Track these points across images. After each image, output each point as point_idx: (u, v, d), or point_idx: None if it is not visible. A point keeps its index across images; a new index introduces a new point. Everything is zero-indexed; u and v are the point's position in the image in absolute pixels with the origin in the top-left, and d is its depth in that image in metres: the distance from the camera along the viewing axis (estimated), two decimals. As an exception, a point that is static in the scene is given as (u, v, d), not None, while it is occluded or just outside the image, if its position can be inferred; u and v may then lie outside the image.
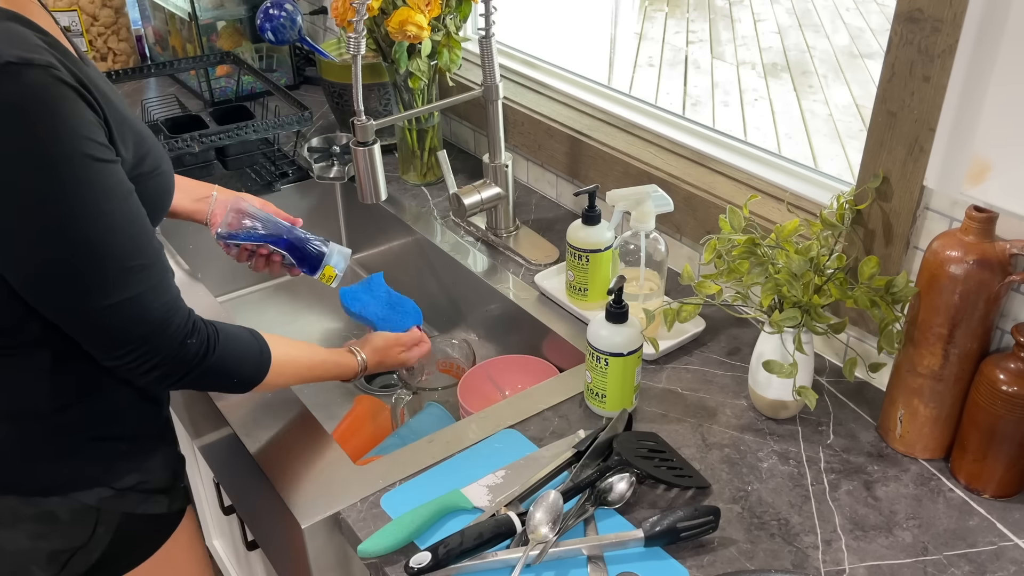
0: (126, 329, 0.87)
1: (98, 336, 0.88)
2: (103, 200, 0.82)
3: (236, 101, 2.04)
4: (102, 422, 0.99)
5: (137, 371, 0.91)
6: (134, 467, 1.03)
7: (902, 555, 0.93)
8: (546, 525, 0.91)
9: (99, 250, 0.83)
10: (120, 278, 0.85)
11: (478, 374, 1.29)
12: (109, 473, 1.01)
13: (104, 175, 0.83)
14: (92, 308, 0.85)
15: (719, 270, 1.08)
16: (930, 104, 0.97)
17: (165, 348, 0.90)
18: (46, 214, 0.80)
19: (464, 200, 1.44)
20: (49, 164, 0.79)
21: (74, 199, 0.80)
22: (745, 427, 1.10)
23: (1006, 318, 1.00)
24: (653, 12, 7.23)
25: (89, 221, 0.82)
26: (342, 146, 1.76)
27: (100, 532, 1.01)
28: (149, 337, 0.89)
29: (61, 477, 0.98)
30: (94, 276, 0.84)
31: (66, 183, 0.80)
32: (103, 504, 1.00)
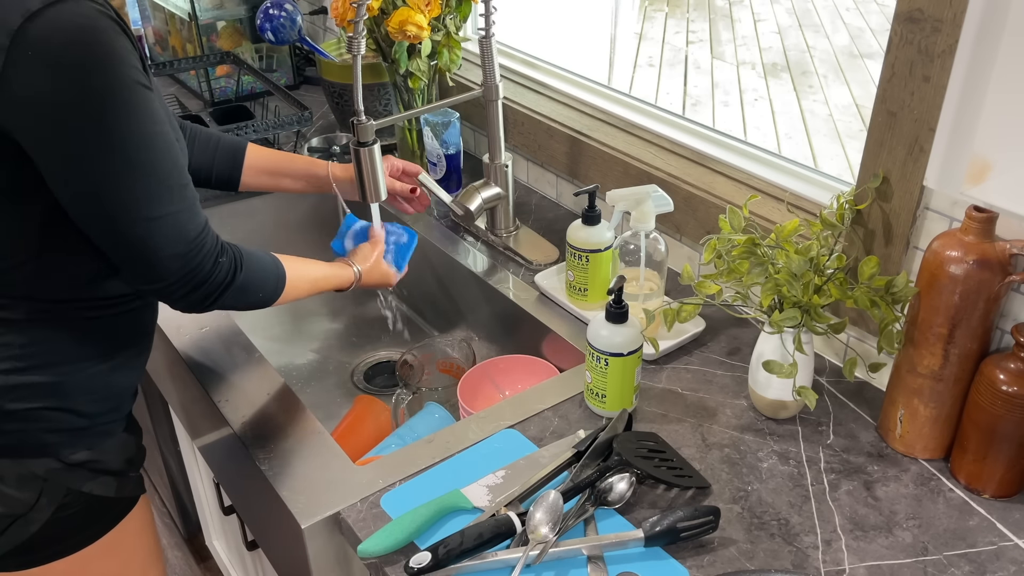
0: (167, 246, 0.93)
1: (141, 254, 0.93)
2: (149, 122, 0.90)
3: (236, 101, 2.04)
4: (71, 392, 1.00)
5: (178, 292, 0.97)
6: (88, 444, 1.04)
7: (902, 555, 0.93)
8: (546, 525, 0.91)
9: (146, 167, 0.90)
10: (162, 194, 0.92)
11: (478, 374, 1.29)
12: (62, 445, 1.02)
13: (149, 99, 0.90)
14: (136, 220, 0.91)
15: (719, 270, 1.08)
16: (930, 104, 0.97)
17: (202, 266, 0.97)
18: (101, 132, 0.86)
19: (469, 206, 1.44)
20: (108, 86, 0.86)
21: (126, 119, 0.87)
22: (745, 427, 1.10)
23: (1006, 318, 1.00)
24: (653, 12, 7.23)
25: (138, 140, 0.89)
26: (342, 146, 1.76)
27: (42, 503, 1.01)
28: (187, 255, 0.95)
29: (14, 440, 0.99)
30: (141, 191, 0.90)
31: (120, 105, 0.87)
32: (50, 475, 1.01)
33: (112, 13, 0.87)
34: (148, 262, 0.94)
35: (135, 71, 0.88)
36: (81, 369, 1.01)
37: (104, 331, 1.03)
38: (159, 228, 0.92)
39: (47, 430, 1.00)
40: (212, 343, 1.28)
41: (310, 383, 1.56)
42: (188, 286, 0.97)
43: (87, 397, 1.02)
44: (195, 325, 1.32)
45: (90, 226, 0.93)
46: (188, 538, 2.01)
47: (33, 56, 0.82)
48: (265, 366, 1.24)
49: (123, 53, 0.86)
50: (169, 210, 0.93)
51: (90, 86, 0.85)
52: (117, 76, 0.86)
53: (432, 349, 1.44)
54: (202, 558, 1.99)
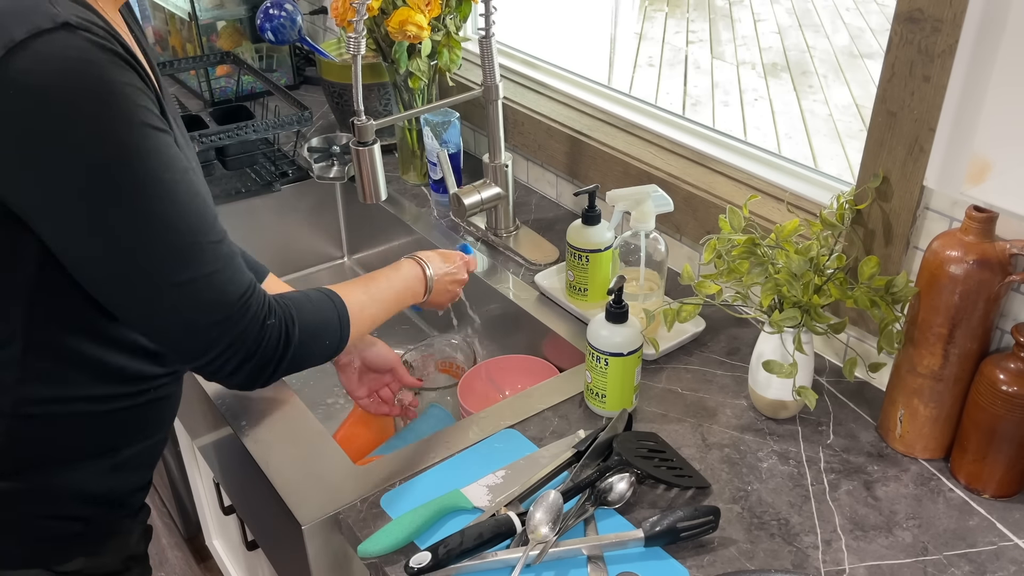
0: (203, 315, 0.80)
1: (175, 327, 0.80)
2: (161, 170, 0.76)
3: (236, 101, 2.04)
4: (63, 497, 0.89)
5: (227, 367, 0.83)
6: (84, 551, 0.92)
7: (902, 555, 0.93)
8: (546, 525, 0.91)
9: (162, 221, 0.76)
10: (187, 254, 0.78)
11: (478, 374, 1.29)
12: (53, 554, 0.90)
13: (160, 144, 0.76)
14: (162, 287, 0.77)
15: (719, 270, 1.08)
16: (930, 104, 0.97)
17: (246, 334, 0.82)
18: (97, 182, 0.74)
19: (464, 200, 1.44)
20: (98, 126, 0.73)
21: (128, 165, 0.74)
22: (745, 427, 1.10)
23: (1006, 318, 1.00)
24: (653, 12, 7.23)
25: (147, 190, 0.75)
26: (342, 146, 1.76)
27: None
28: (229, 324, 0.81)
29: (2, 553, 0.88)
30: (160, 251, 0.77)
31: (115, 148, 0.74)
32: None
33: (115, 46, 0.75)
34: (184, 335, 0.80)
35: (142, 111, 0.75)
36: (75, 469, 0.88)
37: (109, 427, 0.89)
38: (191, 294, 0.78)
39: (35, 540, 0.88)
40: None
41: (310, 383, 1.56)
42: (237, 359, 0.82)
43: (81, 501, 0.90)
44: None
45: (109, 299, 0.80)
46: (188, 538, 2.01)
47: (15, 94, 0.71)
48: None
49: (125, 90, 0.74)
50: (201, 272, 0.78)
51: (82, 127, 0.72)
52: (116, 116, 0.73)
53: (432, 349, 1.43)
54: (202, 558, 1.99)
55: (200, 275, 0.79)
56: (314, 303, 0.93)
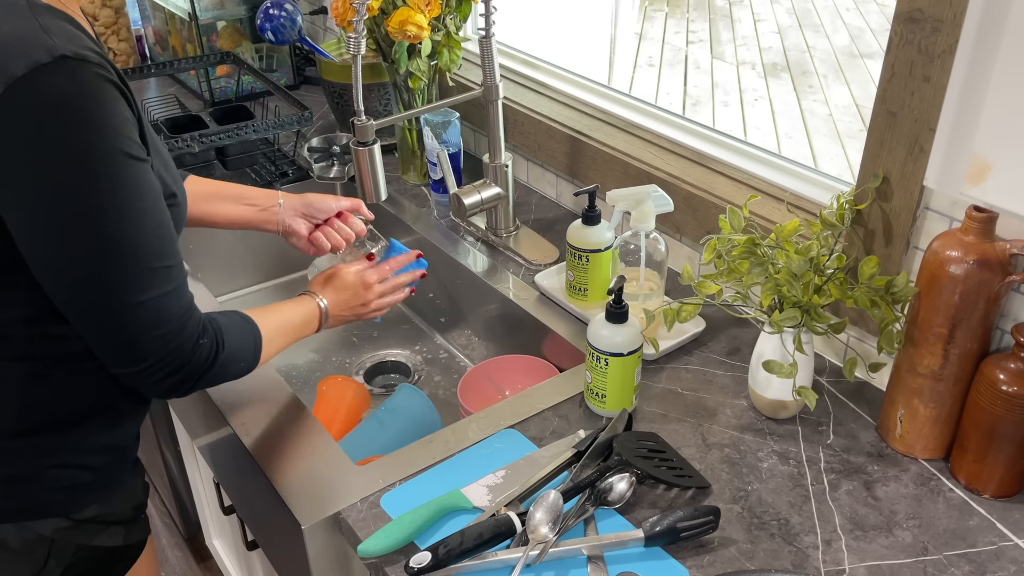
0: (145, 331, 0.86)
1: (116, 338, 0.87)
2: (136, 199, 0.83)
3: (236, 101, 2.04)
4: (74, 449, 0.95)
5: (152, 378, 0.89)
6: (96, 498, 0.99)
7: (902, 555, 0.93)
8: (546, 525, 0.91)
9: (129, 248, 0.83)
10: (145, 278, 0.85)
11: (478, 374, 1.29)
12: (71, 502, 0.97)
13: (139, 174, 0.83)
14: (115, 307, 0.84)
15: (719, 270, 1.08)
16: (930, 104, 0.97)
17: (181, 351, 0.89)
18: (80, 209, 0.80)
19: (464, 200, 1.44)
20: (90, 160, 0.79)
21: (109, 196, 0.81)
22: (745, 427, 1.10)
23: (1006, 318, 1.00)
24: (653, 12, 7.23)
25: (122, 219, 0.82)
26: (342, 146, 1.76)
27: (51, 565, 0.96)
28: (167, 339, 0.88)
29: (19, 503, 0.94)
30: (121, 274, 0.84)
31: (103, 180, 0.80)
32: (57, 535, 0.96)
33: (113, 76, 0.81)
34: (124, 345, 0.87)
35: (126, 141, 0.81)
36: (82, 424, 0.95)
37: (105, 385, 0.96)
38: (139, 312, 0.85)
39: (53, 489, 0.95)
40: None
41: (310, 383, 1.56)
42: (164, 372, 0.89)
43: (90, 452, 0.97)
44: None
45: (65, 305, 0.86)
46: (188, 538, 2.01)
47: (12, 125, 0.77)
48: (265, 366, 1.23)
49: (114, 122, 0.80)
50: (152, 294, 0.85)
51: (70, 158, 0.79)
52: (102, 149, 0.80)
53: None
54: (202, 558, 1.99)
55: (150, 297, 0.86)
56: (238, 328, 1.00)
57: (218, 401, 1.17)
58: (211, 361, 0.93)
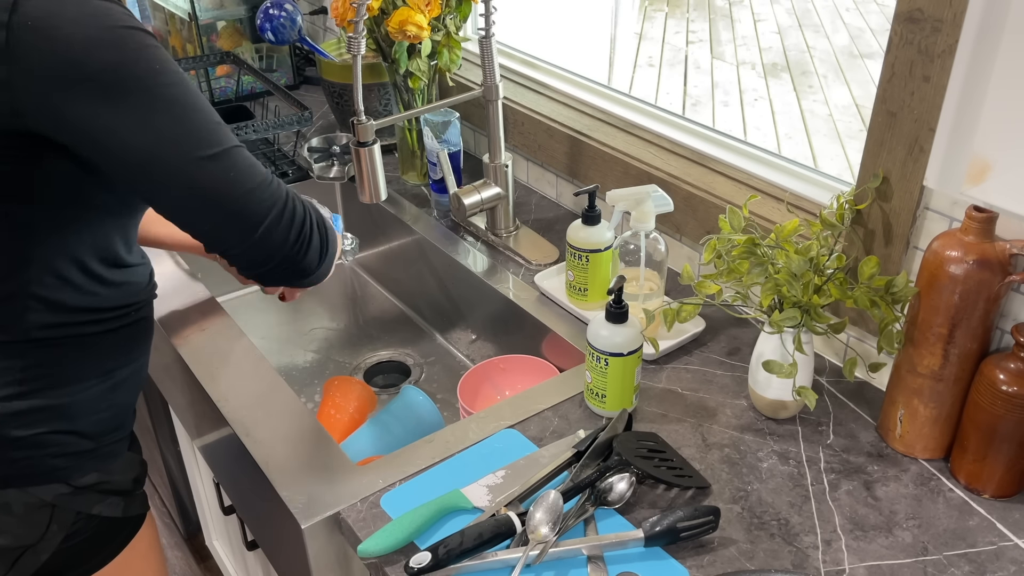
0: (250, 178, 0.90)
1: (232, 196, 0.89)
2: (172, 62, 0.88)
3: (236, 101, 2.04)
4: (75, 414, 0.98)
5: (282, 232, 0.92)
6: (96, 466, 1.02)
7: (902, 555, 0.93)
8: (546, 525, 0.91)
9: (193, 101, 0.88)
10: (221, 128, 0.90)
11: (478, 374, 1.29)
12: (71, 469, 0.99)
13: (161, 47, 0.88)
14: (207, 158, 0.87)
15: (719, 270, 1.08)
16: (930, 104, 0.97)
17: (293, 197, 0.94)
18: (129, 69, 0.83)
19: (464, 200, 1.44)
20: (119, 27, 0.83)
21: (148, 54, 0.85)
22: (745, 427, 1.10)
23: (1006, 318, 1.00)
24: (653, 12, 7.23)
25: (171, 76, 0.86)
26: (342, 146, 1.76)
27: (53, 530, 0.99)
28: (276, 186, 0.93)
29: (22, 468, 0.96)
30: (199, 123, 0.87)
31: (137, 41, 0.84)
32: (59, 501, 0.98)
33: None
34: (234, 208, 0.89)
35: (132, 17, 0.85)
36: (84, 389, 0.98)
37: (104, 348, 0.99)
38: (226, 165, 0.88)
39: (55, 455, 0.97)
40: (212, 343, 1.28)
41: (310, 383, 1.56)
42: (286, 222, 0.93)
43: (91, 418, 0.99)
44: (195, 325, 1.32)
45: (157, 185, 0.88)
46: (188, 538, 2.01)
47: (34, 24, 0.79)
48: (265, 366, 1.24)
49: (118, 3, 0.85)
50: (224, 144, 0.89)
51: (96, 33, 0.81)
52: (122, 19, 0.83)
53: None
54: (202, 558, 1.99)
55: (234, 144, 0.90)
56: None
57: (218, 401, 1.17)
58: (313, 210, 0.98)
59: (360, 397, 1.39)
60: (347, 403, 1.38)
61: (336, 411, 1.37)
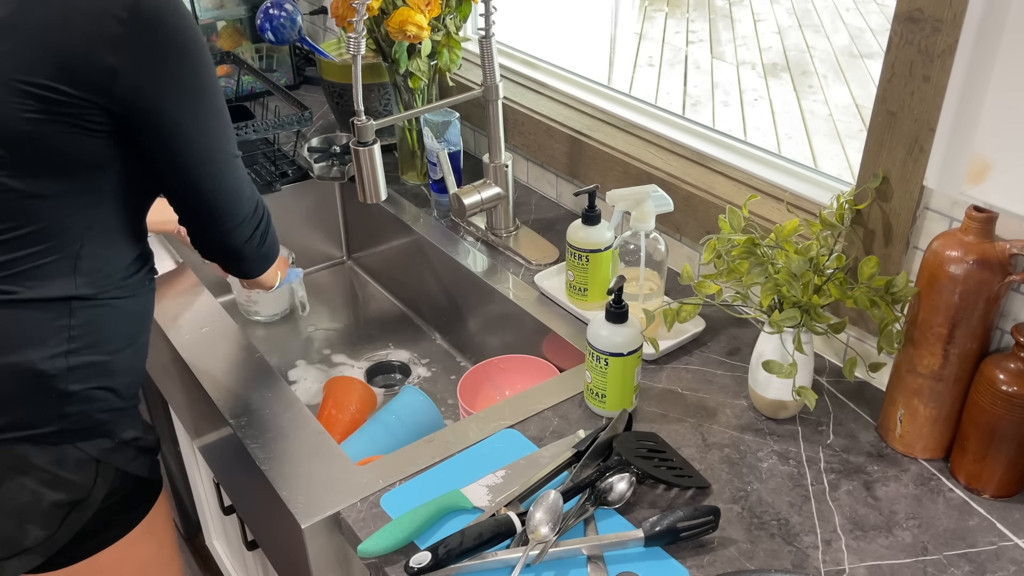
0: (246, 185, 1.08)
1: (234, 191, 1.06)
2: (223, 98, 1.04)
3: (236, 101, 2.04)
4: (115, 371, 1.04)
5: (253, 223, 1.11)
6: (131, 423, 1.08)
7: (902, 555, 0.93)
8: (546, 525, 0.91)
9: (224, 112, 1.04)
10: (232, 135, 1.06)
11: (478, 374, 1.29)
12: (114, 424, 1.05)
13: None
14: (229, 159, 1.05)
15: (719, 270, 1.08)
16: (930, 104, 0.97)
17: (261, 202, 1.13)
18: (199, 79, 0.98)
19: (464, 200, 1.44)
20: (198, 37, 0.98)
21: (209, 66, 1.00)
22: (745, 427, 1.10)
23: (1006, 318, 1.00)
24: (653, 12, 7.23)
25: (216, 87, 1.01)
26: (342, 146, 1.76)
27: (99, 485, 1.04)
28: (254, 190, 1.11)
29: (75, 422, 1.01)
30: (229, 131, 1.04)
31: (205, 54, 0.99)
32: (103, 456, 1.04)
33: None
34: (238, 199, 1.07)
35: (202, 34, 1.00)
36: (119, 349, 1.04)
37: (132, 313, 1.06)
38: (239, 165, 1.06)
39: (100, 410, 1.03)
40: (212, 343, 1.28)
41: (310, 383, 1.56)
42: (257, 217, 1.11)
43: (124, 378, 1.06)
44: (195, 325, 1.32)
45: (188, 165, 1.01)
46: (188, 538, 2.01)
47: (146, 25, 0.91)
48: (265, 366, 1.24)
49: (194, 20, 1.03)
50: (238, 151, 1.06)
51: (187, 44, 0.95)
52: (200, 35, 0.97)
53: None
54: (202, 558, 1.99)
55: (238, 153, 1.07)
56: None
57: (218, 401, 1.17)
58: (267, 214, 1.14)
59: (361, 397, 1.39)
60: (348, 403, 1.38)
61: (337, 411, 1.37)
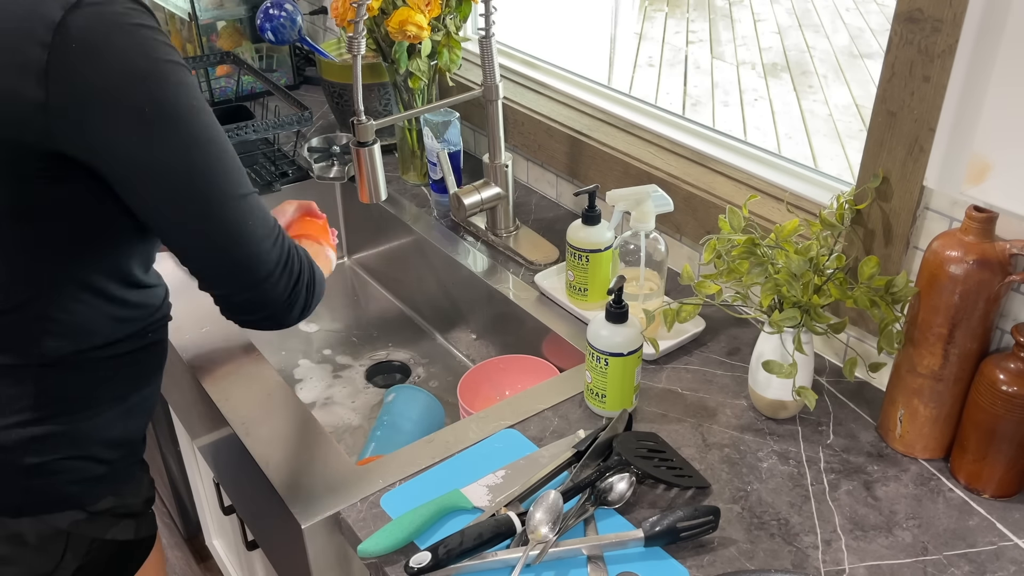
0: (259, 227, 0.90)
1: (240, 244, 0.89)
2: (202, 100, 0.87)
3: (236, 101, 2.04)
4: (88, 440, 0.96)
5: (278, 287, 0.93)
6: (110, 490, 1.00)
7: (902, 555, 0.93)
8: (546, 525, 0.91)
9: (218, 143, 0.87)
10: (241, 173, 0.89)
11: (478, 374, 1.29)
12: (86, 495, 0.98)
13: (190, 76, 0.87)
14: (229, 200, 0.87)
15: (719, 270, 1.08)
16: (930, 104, 0.97)
17: (294, 254, 0.94)
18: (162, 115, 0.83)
19: (464, 200, 1.44)
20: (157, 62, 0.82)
21: (184, 94, 0.84)
22: (745, 427, 1.10)
23: (1006, 318, 1.00)
24: (653, 12, 7.23)
25: (200, 116, 0.85)
26: (342, 146, 1.76)
27: (67, 560, 0.97)
28: (278, 242, 0.92)
29: (37, 496, 0.95)
30: (223, 166, 0.87)
31: (173, 79, 0.83)
32: (73, 528, 0.97)
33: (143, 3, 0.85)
34: (248, 252, 0.89)
35: (174, 50, 0.85)
36: (98, 414, 0.96)
37: (118, 372, 0.97)
38: (250, 208, 0.88)
39: (70, 481, 0.96)
40: (212, 343, 1.28)
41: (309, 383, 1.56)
42: (288, 277, 0.93)
43: (105, 444, 0.98)
44: (195, 325, 1.32)
45: (180, 221, 0.87)
46: (188, 538, 2.01)
47: (78, 49, 0.78)
48: (265, 366, 1.24)
49: (162, 36, 0.84)
50: (251, 189, 0.89)
51: (142, 67, 0.81)
52: (164, 54, 0.83)
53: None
54: (202, 558, 1.99)
55: (251, 191, 0.90)
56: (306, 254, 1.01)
57: (218, 401, 1.17)
58: (312, 268, 0.98)
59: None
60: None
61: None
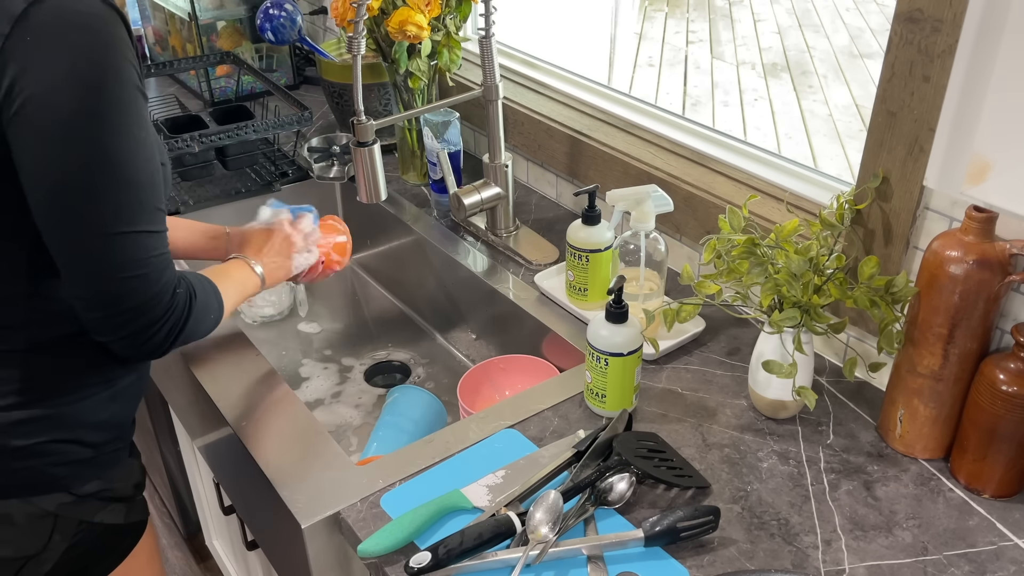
0: (125, 267, 0.86)
1: (97, 272, 0.86)
2: (135, 126, 0.85)
3: (236, 101, 2.04)
4: (74, 423, 0.97)
5: (130, 326, 0.89)
6: (97, 473, 1.01)
7: (902, 555, 0.93)
8: (546, 525, 0.91)
9: (124, 171, 0.84)
10: (134, 208, 0.85)
11: (478, 374, 1.29)
12: (72, 477, 0.99)
13: (139, 103, 0.85)
14: (101, 232, 0.84)
15: (719, 270, 1.08)
16: (930, 104, 0.97)
17: (161, 298, 0.89)
18: (82, 122, 0.82)
19: (464, 200, 1.44)
20: (101, 73, 0.82)
21: (113, 112, 0.83)
22: (745, 427, 1.10)
23: (1006, 318, 1.00)
24: (653, 12, 7.23)
25: (120, 139, 0.83)
26: (342, 146, 1.76)
27: (55, 540, 0.98)
28: (146, 282, 0.87)
29: (23, 478, 0.96)
30: (113, 195, 0.84)
31: (110, 95, 0.83)
32: (61, 510, 0.98)
33: (116, 7, 0.85)
34: (104, 282, 0.86)
35: (133, 71, 0.84)
36: (84, 398, 0.97)
37: (105, 356, 0.97)
38: (124, 244, 0.85)
39: (55, 463, 0.97)
40: (212, 343, 1.28)
41: (310, 383, 1.56)
42: (144, 320, 0.89)
43: (91, 426, 0.99)
44: (195, 325, 1.32)
45: (52, 230, 0.86)
46: (188, 538, 2.01)
47: (32, 41, 0.79)
48: (265, 366, 1.24)
49: (123, 48, 0.84)
50: (139, 228, 0.86)
51: (85, 71, 0.81)
52: (114, 68, 0.82)
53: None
54: (202, 558, 1.99)
55: (137, 231, 0.86)
56: (199, 281, 1.00)
57: (218, 401, 1.17)
58: (188, 310, 0.93)
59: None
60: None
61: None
